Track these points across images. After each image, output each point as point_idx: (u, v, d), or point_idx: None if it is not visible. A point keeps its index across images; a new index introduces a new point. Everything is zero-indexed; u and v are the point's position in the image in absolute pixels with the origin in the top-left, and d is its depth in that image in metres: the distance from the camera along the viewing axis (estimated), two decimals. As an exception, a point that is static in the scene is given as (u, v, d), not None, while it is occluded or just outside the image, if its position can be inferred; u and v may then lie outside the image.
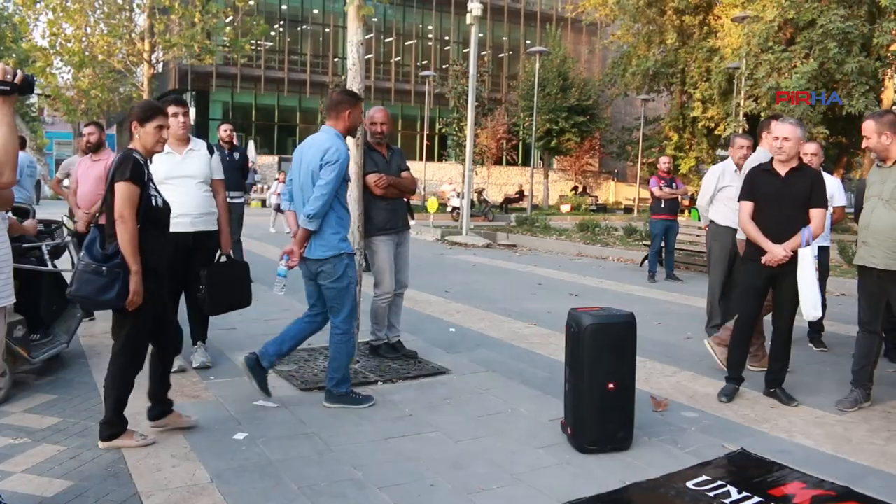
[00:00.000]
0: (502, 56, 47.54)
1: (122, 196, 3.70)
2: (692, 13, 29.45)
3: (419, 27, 45.43)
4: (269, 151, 40.39)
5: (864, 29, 21.25)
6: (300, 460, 3.83)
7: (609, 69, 34.69)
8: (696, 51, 28.73)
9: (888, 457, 4.14)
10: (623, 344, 4.06)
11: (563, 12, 42.04)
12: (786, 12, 22.06)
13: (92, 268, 3.71)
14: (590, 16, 33.81)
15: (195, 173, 5.28)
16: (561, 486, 3.59)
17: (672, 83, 31.73)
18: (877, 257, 4.72)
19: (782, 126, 5.03)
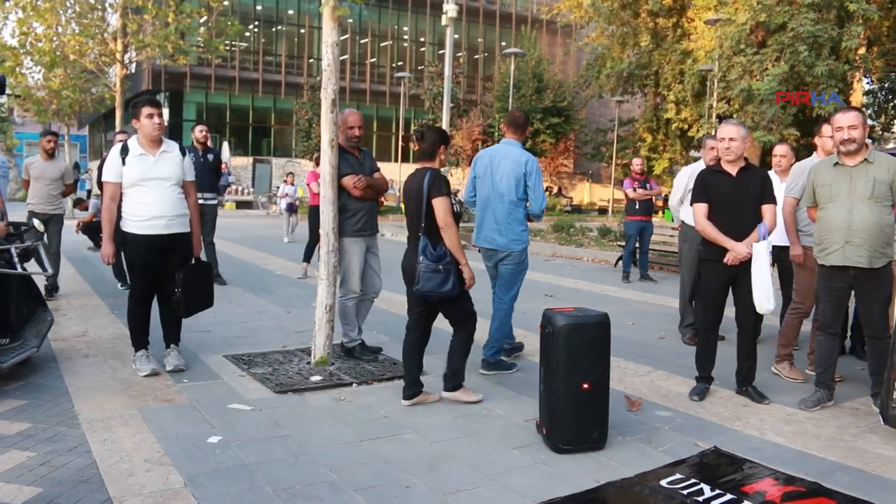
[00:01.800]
0: (477, 57, 47.60)
1: (443, 209, 4.73)
2: (666, 16, 29.70)
3: (394, 28, 45.37)
4: (244, 153, 40.13)
5: (833, 33, 21.54)
6: (275, 463, 3.81)
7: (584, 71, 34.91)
8: (669, 53, 28.98)
9: (856, 452, 4.21)
10: (597, 344, 4.09)
11: (539, 14, 42.21)
12: (757, 15, 22.31)
13: (432, 268, 4.70)
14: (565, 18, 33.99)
15: (169, 175, 5.24)
16: (536, 486, 3.61)
17: (646, 85, 31.99)
18: (863, 256, 4.76)
19: (727, 127, 5.13)
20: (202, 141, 9.01)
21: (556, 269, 12.95)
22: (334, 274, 5.62)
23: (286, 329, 6.99)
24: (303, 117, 35.00)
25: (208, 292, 5.66)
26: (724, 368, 5.36)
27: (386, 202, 27.45)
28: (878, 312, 4.77)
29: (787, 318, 5.96)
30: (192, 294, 5.37)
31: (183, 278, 5.27)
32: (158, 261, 5.25)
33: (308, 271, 10.41)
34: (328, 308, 5.59)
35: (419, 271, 4.74)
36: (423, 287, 4.73)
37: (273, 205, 30.41)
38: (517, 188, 5.67)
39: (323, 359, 5.61)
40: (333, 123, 5.48)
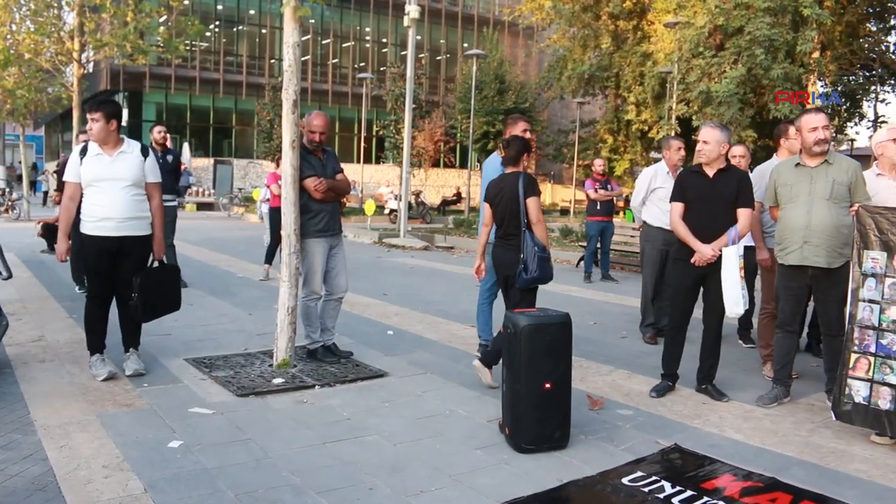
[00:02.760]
0: (440, 59, 47.64)
1: (536, 207, 5.18)
2: (626, 18, 29.95)
3: (356, 29, 45.20)
4: (205, 154, 39.69)
5: (789, 37, 21.93)
6: (236, 467, 3.77)
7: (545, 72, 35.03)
8: (630, 55, 29.23)
9: (811, 447, 4.30)
10: (559, 344, 4.12)
11: (500, 16, 42.32)
12: (715, 19, 22.62)
13: (543, 256, 5.13)
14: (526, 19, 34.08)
15: (123, 176, 5.15)
16: (499, 486, 3.62)
17: (607, 87, 32.21)
18: (821, 256, 4.85)
19: (703, 129, 5.21)
20: (161, 142, 8.90)
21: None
22: (296, 276, 5.58)
23: (248, 332, 6.93)
24: (264, 118, 34.66)
25: (173, 296, 5.59)
26: (683, 366, 5.42)
27: (349, 203, 27.38)
28: (835, 311, 4.86)
29: (760, 320, 6.07)
30: (151, 298, 5.29)
31: (140, 283, 5.18)
32: (110, 262, 5.18)
33: (269, 273, 10.33)
34: (290, 310, 5.56)
35: (533, 261, 5.14)
36: (538, 274, 5.14)
37: (234, 206, 30.13)
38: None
39: (285, 361, 5.58)
40: (295, 124, 5.44)
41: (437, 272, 12.54)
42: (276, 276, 6.16)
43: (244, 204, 30.19)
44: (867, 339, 4.41)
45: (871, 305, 4.42)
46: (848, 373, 4.47)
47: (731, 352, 6.58)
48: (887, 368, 4.31)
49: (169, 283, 5.57)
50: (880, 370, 4.33)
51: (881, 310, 4.37)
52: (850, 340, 4.48)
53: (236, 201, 31.43)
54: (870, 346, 4.39)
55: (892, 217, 4.36)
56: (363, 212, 22.62)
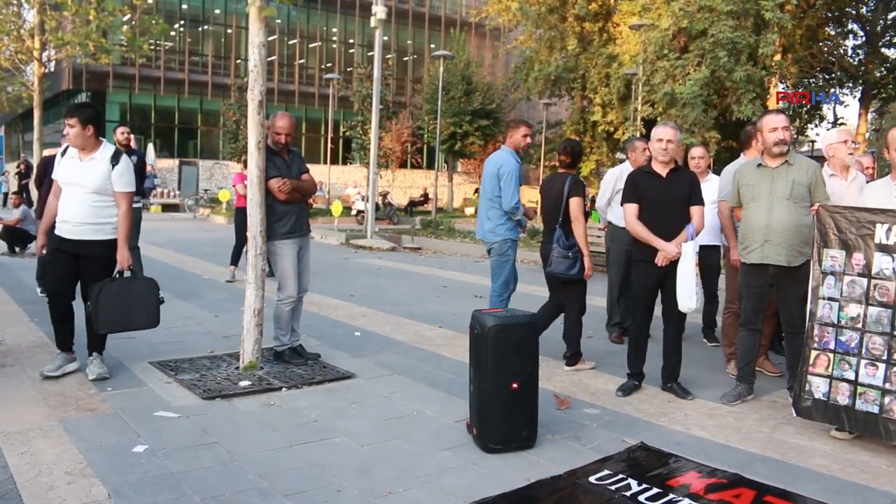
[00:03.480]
0: (407, 59, 47.61)
1: (577, 206, 5.77)
2: (592, 20, 30.18)
3: (323, 29, 44.99)
4: (170, 154, 39.23)
5: (751, 39, 22.26)
6: (203, 471, 3.73)
7: (512, 74, 35.18)
8: (595, 57, 29.46)
9: (774, 443, 4.37)
10: (526, 344, 4.14)
11: (467, 17, 42.38)
12: (679, 21, 22.89)
13: (563, 254, 5.77)
14: (493, 21, 34.20)
15: (85, 183, 5.16)
16: (467, 487, 3.63)
17: (573, 88, 32.43)
18: (781, 255, 4.93)
19: (665, 129, 5.28)
20: (124, 143, 8.78)
21: (486, 271, 12.96)
22: (262, 277, 5.55)
23: (214, 334, 6.87)
24: (230, 119, 34.34)
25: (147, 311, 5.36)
26: (649, 365, 5.47)
27: (316, 204, 27.25)
28: (796, 310, 4.94)
29: (724, 318, 6.15)
30: (108, 310, 5.13)
31: (99, 291, 5.09)
32: (66, 262, 5.23)
33: (235, 274, 10.25)
34: (256, 312, 5.52)
35: (552, 256, 5.82)
36: (553, 269, 5.82)
37: (200, 207, 29.82)
38: (493, 187, 6.31)
39: (252, 363, 5.54)
40: (260, 125, 5.41)
41: (405, 273, 12.53)
42: (243, 277, 6.11)
43: (210, 205, 29.91)
44: (827, 336, 4.49)
45: (830, 303, 4.50)
46: (808, 369, 4.55)
47: (696, 350, 6.66)
48: (846, 365, 4.39)
49: (143, 295, 5.36)
50: (839, 366, 4.42)
51: (840, 307, 4.45)
52: (811, 337, 4.56)
53: (202, 202, 31.11)
54: (829, 342, 4.48)
55: (851, 216, 4.45)
56: (330, 213, 22.52)
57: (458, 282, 11.39)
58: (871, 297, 4.33)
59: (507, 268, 6.45)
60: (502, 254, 6.42)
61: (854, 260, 4.41)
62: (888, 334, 4.24)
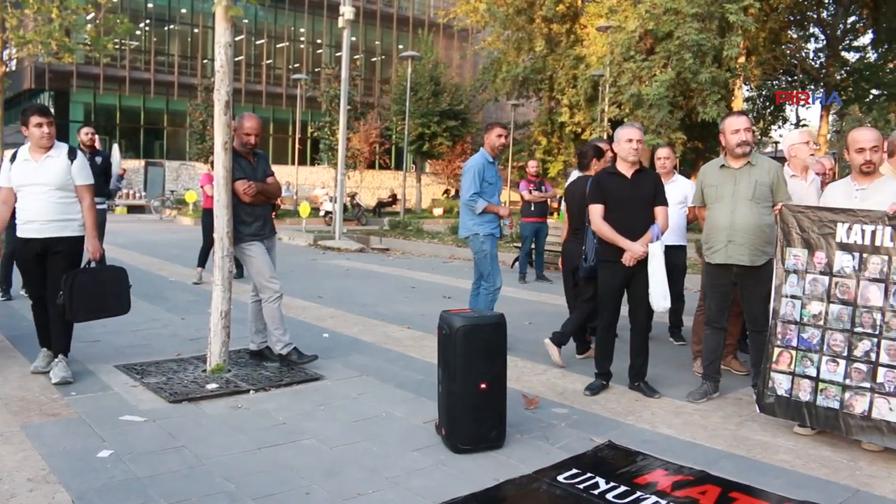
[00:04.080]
0: (375, 60, 47.51)
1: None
2: (559, 22, 30.34)
3: (291, 30, 44.75)
4: (135, 155, 38.74)
5: (716, 42, 22.53)
6: (169, 475, 3.69)
7: (480, 75, 35.28)
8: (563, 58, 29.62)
9: (739, 440, 4.42)
10: (494, 344, 4.14)
11: (435, 18, 42.40)
12: (646, 24, 23.09)
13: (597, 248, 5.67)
14: (461, 22, 34.26)
15: (48, 181, 5.19)
16: (436, 487, 3.63)
17: (541, 89, 32.58)
18: (744, 254, 4.99)
19: (633, 130, 5.32)
20: (88, 143, 8.66)
21: (454, 271, 13.06)
22: (229, 279, 5.50)
23: (181, 337, 6.80)
24: (197, 119, 34.04)
25: (119, 298, 5.51)
26: (616, 365, 5.52)
27: (283, 205, 27.08)
28: (760, 308, 5.01)
29: (696, 316, 6.21)
30: (80, 298, 5.19)
31: (72, 281, 5.14)
32: (36, 263, 5.29)
33: (202, 276, 10.16)
34: (223, 314, 5.47)
35: (592, 252, 5.80)
36: (596, 263, 5.69)
37: (167, 209, 29.50)
38: (463, 185, 6.66)
39: (219, 366, 5.49)
40: (227, 126, 5.37)
41: (373, 274, 12.50)
42: (210, 279, 6.06)
43: (176, 206, 29.60)
44: (789, 333, 4.56)
45: (793, 301, 4.57)
46: (771, 366, 4.62)
47: (663, 349, 6.72)
48: (808, 361, 4.46)
49: (112, 283, 5.49)
50: (801, 363, 4.49)
51: (802, 305, 4.52)
52: (774, 335, 4.63)
53: (168, 204, 30.78)
54: (792, 340, 4.55)
55: (813, 216, 4.52)
56: (298, 214, 22.39)
57: (427, 282, 11.39)
58: (832, 294, 4.41)
59: (484, 262, 6.59)
60: (477, 250, 6.60)
61: (816, 258, 4.48)
62: (848, 331, 4.32)
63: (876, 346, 4.21)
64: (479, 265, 6.67)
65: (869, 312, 4.25)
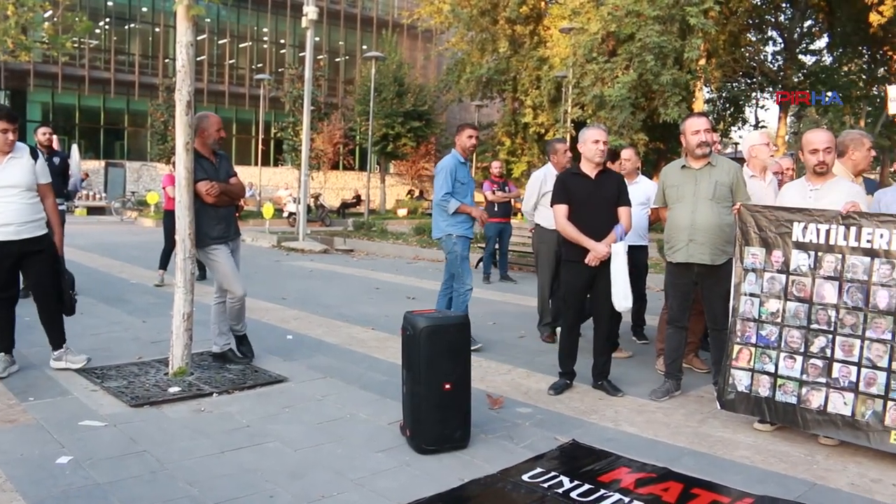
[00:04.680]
0: (339, 60, 47.30)
1: None
2: (523, 23, 30.48)
3: (254, 29, 44.37)
4: (95, 156, 38.13)
5: (677, 44, 22.79)
6: (131, 481, 3.64)
7: (444, 75, 35.30)
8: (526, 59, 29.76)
9: (701, 437, 4.49)
10: (458, 345, 4.15)
11: (399, 18, 42.37)
12: (608, 25, 23.29)
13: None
14: (425, 23, 34.25)
15: (17, 182, 5.22)
16: (401, 489, 3.63)
17: (504, 90, 32.71)
18: (705, 254, 5.07)
19: (598, 131, 5.37)
20: (46, 144, 8.52)
21: (419, 272, 13.06)
22: (191, 281, 5.45)
23: (142, 340, 6.71)
24: (158, 119, 33.60)
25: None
26: (579, 364, 5.56)
27: (247, 206, 26.84)
28: (720, 307, 5.08)
29: (661, 315, 6.28)
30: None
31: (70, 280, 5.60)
32: (11, 265, 5.34)
33: (164, 278, 10.05)
34: (186, 316, 5.41)
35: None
36: None
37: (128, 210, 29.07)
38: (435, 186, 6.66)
39: (181, 369, 5.43)
40: (189, 126, 5.31)
41: (337, 275, 12.46)
42: (172, 281, 6.00)
43: (138, 208, 29.19)
44: (748, 330, 4.65)
45: (751, 299, 4.65)
46: (731, 363, 4.70)
47: (626, 348, 6.78)
48: (766, 358, 4.55)
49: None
50: (760, 360, 4.58)
51: (761, 303, 4.61)
52: (733, 332, 4.72)
53: (129, 205, 30.34)
54: (751, 337, 4.63)
55: (770, 215, 4.61)
56: (261, 215, 22.22)
57: (391, 283, 11.38)
58: (789, 292, 4.50)
59: (455, 264, 6.63)
60: (449, 251, 6.65)
61: (773, 257, 4.57)
62: (805, 328, 4.41)
63: (831, 342, 4.31)
64: (450, 266, 6.70)
65: (824, 310, 4.35)
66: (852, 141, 5.31)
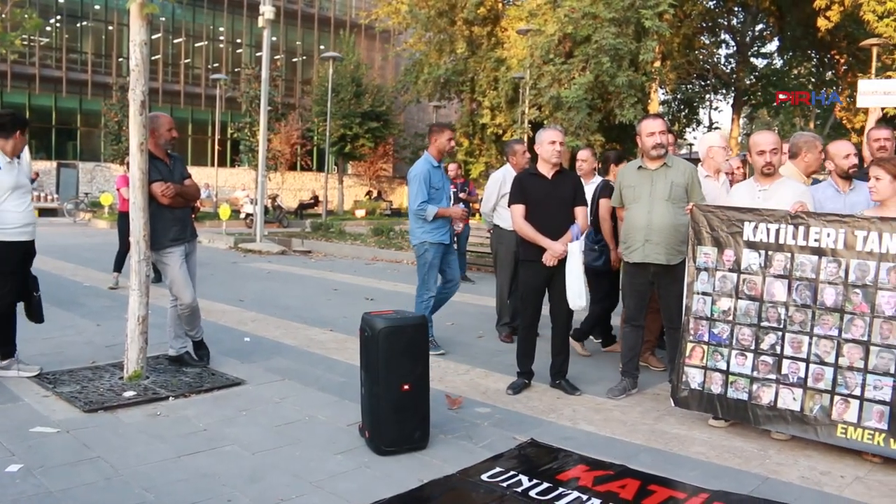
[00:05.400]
0: (296, 60, 46.92)
1: (605, 207, 6.22)
2: (481, 24, 30.60)
3: (210, 28, 43.80)
4: (47, 156, 37.26)
5: (632, 46, 23.09)
6: (84, 488, 3.58)
7: (402, 76, 35.30)
8: (484, 60, 29.88)
9: (657, 434, 4.56)
10: (416, 345, 4.17)
11: (357, 19, 42.20)
12: (564, 27, 23.50)
13: (590, 246, 6.24)
14: (383, 23, 34.21)
15: (25, 183, 5.39)
16: (360, 490, 3.63)
17: (462, 91, 32.79)
18: (661, 254, 5.15)
19: (555, 132, 5.42)
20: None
21: (377, 273, 13.04)
22: (146, 283, 5.38)
23: (96, 344, 6.60)
24: (112, 119, 33.03)
25: None
26: (537, 364, 5.60)
27: (203, 207, 26.53)
28: (675, 306, 5.16)
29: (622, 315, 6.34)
30: None
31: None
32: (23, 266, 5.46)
33: (119, 281, 9.90)
34: (141, 319, 5.34)
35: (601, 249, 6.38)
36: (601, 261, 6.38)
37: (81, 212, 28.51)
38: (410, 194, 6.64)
39: (137, 373, 5.35)
40: (143, 126, 5.24)
41: (295, 276, 12.37)
42: (126, 284, 5.92)
43: (91, 209, 28.64)
44: (701, 328, 4.73)
45: (704, 297, 4.74)
46: (685, 361, 4.78)
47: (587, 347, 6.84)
48: (718, 355, 4.64)
49: None
50: (712, 357, 4.67)
51: (713, 301, 4.70)
52: (687, 330, 4.80)
53: (82, 206, 29.76)
54: (703, 335, 4.72)
55: (722, 215, 4.70)
56: (218, 216, 21.98)
57: (349, 284, 11.34)
58: (740, 291, 4.59)
59: (423, 270, 6.56)
60: (419, 256, 6.59)
61: (725, 256, 4.66)
62: (755, 325, 4.51)
63: (780, 339, 4.41)
64: (418, 271, 6.66)
65: (774, 307, 4.45)
66: (805, 143, 5.45)
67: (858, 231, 4.18)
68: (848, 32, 25.55)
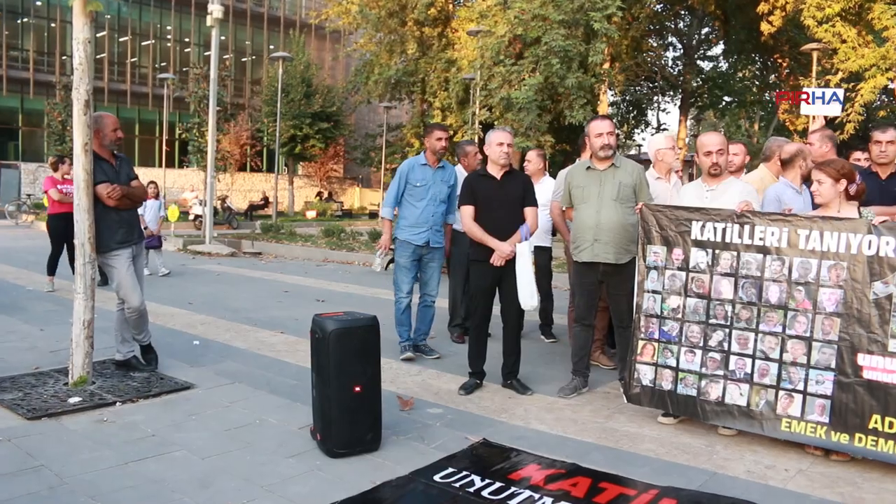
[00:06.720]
0: (245, 60, 46.43)
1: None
2: (431, 25, 30.56)
3: (157, 27, 43.07)
4: (-14, 157, 36.36)
5: (581, 48, 23.27)
6: (27, 498, 3.48)
7: (352, 77, 35.06)
8: (435, 61, 29.85)
9: (608, 432, 4.61)
10: (368, 347, 4.15)
11: (307, 18, 41.85)
12: (515, 29, 23.59)
13: None
14: (333, 23, 33.95)
15: None
16: (312, 494, 3.60)
17: (413, 92, 32.72)
18: (609, 253, 5.20)
19: (503, 133, 5.47)
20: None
21: (328, 274, 12.96)
22: (92, 287, 5.26)
23: (40, 349, 6.43)
24: (55, 119, 32.28)
25: None
26: (489, 364, 5.62)
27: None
28: (625, 305, 5.24)
29: (569, 313, 6.39)
30: None
31: None
32: None
33: (54, 284, 9.67)
34: (86, 323, 5.22)
35: None
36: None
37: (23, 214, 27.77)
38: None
39: (82, 378, 5.23)
40: (87, 126, 5.12)
41: (245, 278, 12.23)
42: (65, 287, 5.78)
43: (34, 211, 27.91)
44: (651, 326, 4.80)
45: (654, 295, 4.81)
46: (636, 358, 4.85)
47: (534, 347, 6.90)
48: (668, 353, 4.71)
49: None
50: (663, 354, 4.74)
51: (663, 299, 4.77)
52: (637, 328, 4.86)
53: (25, 208, 29.00)
54: (654, 332, 4.79)
55: (671, 214, 4.77)
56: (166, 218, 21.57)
57: (300, 286, 11.25)
58: (689, 289, 4.66)
59: (395, 269, 6.60)
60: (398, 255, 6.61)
61: (674, 255, 4.73)
62: (704, 323, 4.59)
63: (728, 336, 4.50)
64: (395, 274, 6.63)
65: (721, 305, 4.53)
66: (779, 147, 5.59)
67: (801, 230, 4.29)
68: (790, 37, 26.14)
